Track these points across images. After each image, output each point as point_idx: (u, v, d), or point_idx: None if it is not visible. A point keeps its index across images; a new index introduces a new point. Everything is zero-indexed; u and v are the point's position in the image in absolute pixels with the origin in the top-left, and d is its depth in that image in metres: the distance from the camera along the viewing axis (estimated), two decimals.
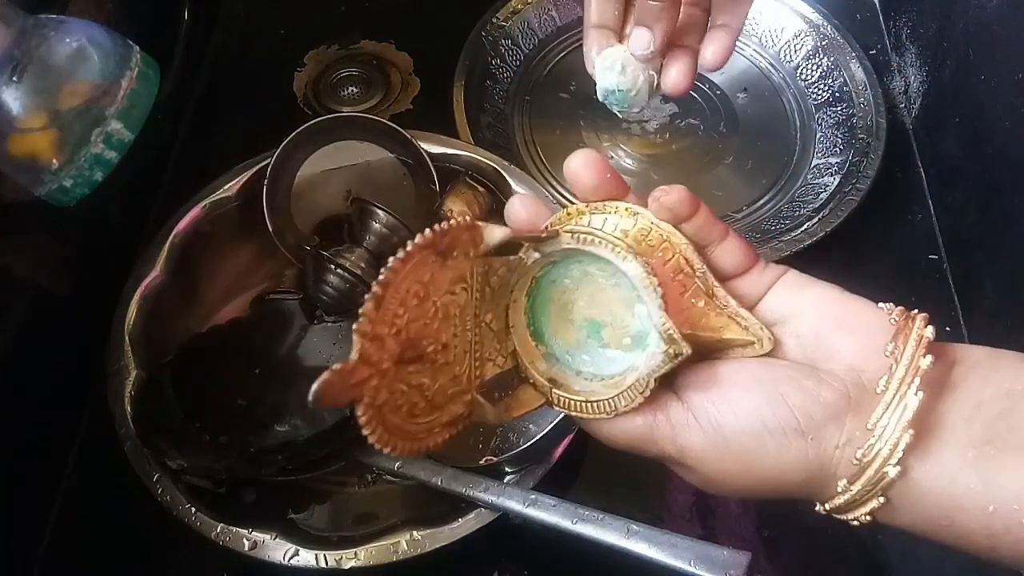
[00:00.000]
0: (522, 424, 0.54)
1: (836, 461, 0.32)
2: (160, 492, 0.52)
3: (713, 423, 0.33)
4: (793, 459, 0.32)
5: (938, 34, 0.72)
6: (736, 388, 0.33)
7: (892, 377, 0.32)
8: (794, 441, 0.32)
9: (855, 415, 0.32)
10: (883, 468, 0.31)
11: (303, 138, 0.63)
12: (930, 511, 0.32)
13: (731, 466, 0.33)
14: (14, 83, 0.50)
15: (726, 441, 0.33)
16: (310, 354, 0.62)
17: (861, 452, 0.31)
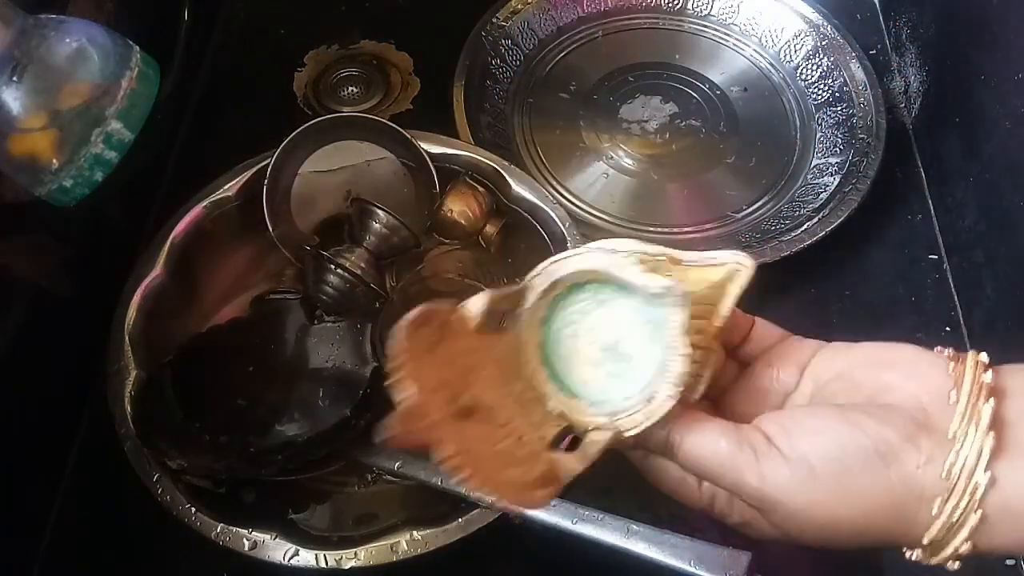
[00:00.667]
0: None
1: (921, 481, 0.31)
2: (160, 492, 0.52)
3: (796, 451, 0.32)
4: (879, 483, 0.32)
5: (938, 34, 0.72)
6: (812, 418, 0.33)
7: (960, 390, 0.32)
8: (877, 466, 0.32)
9: (928, 435, 0.32)
10: (973, 478, 0.31)
11: (303, 138, 0.63)
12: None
13: (819, 496, 0.32)
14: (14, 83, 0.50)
15: (811, 468, 0.32)
16: (310, 354, 0.62)
17: (947, 464, 0.31)
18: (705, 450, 0.33)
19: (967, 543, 0.31)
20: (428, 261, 0.64)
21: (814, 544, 0.34)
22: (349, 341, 0.62)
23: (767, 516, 0.34)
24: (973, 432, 0.31)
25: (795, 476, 0.32)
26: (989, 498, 0.31)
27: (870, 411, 0.33)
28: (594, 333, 0.36)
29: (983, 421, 0.31)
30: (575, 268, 0.35)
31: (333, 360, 0.61)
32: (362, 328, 0.62)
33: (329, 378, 0.61)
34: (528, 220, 0.63)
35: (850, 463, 0.32)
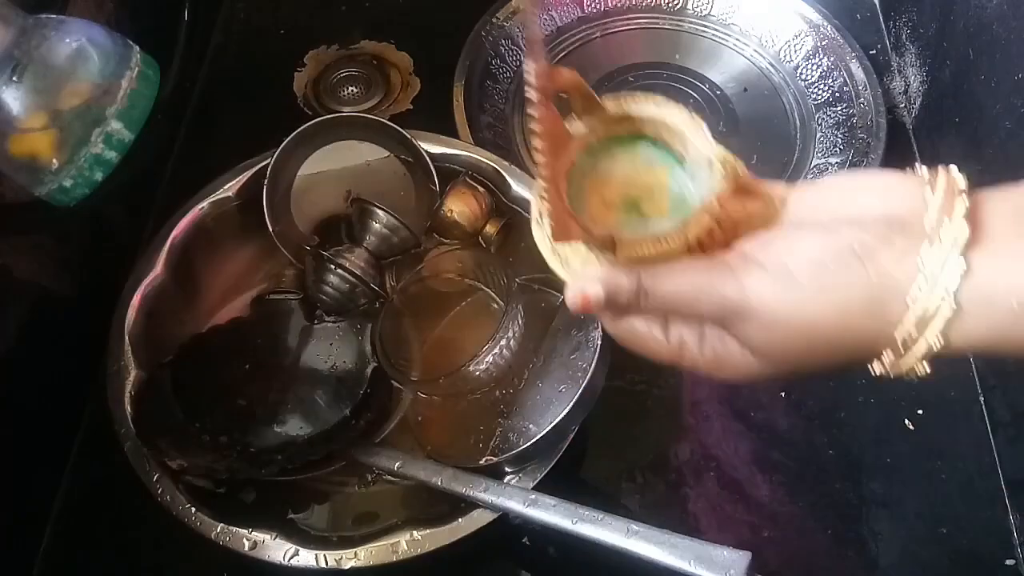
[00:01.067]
0: (522, 424, 0.54)
1: (896, 274, 0.31)
2: (160, 492, 0.52)
3: (773, 259, 0.33)
4: (854, 278, 0.32)
5: (938, 34, 0.72)
6: (787, 232, 0.34)
7: (935, 187, 0.32)
8: (852, 262, 0.32)
9: (903, 234, 0.32)
10: (946, 265, 0.30)
11: (303, 138, 0.63)
12: (1003, 314, 0.30)
13: (799, 297, 0.32)
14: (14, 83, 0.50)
15: (789, 273, 0.32)
16: (310, 354, 0.62)
17: (922, 254, 0.31)
18: (679, 280, 0.34)
19: (939, 339, 0.31)
20: (428, 261, 0.64)
21: (790, 366, 0.34)
22: (349, 341, 0.62)
23: (745, 335, 0.34)
24: (947, 222, 0.31)
25: (775, 282, 0.32)
26: (964, 287, 0.30)
27: (846, 222, 0.33)
28: (626, 184, 0.38)
29: (957, 212, 0.31)
30: (652, 114, 0.38)
31: (333, 360, 0.62)
32: (362, 328, 0.62)
33: (329, 378, 0.61)
34: (528, 220, 0.63)
35: (829, 263, 0.32)
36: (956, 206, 0.31)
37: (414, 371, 0.61)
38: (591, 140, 0.39)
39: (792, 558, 0.58)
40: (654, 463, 0.61)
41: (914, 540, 0.58)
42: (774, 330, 0.33)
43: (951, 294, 0.30)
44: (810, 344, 0.33)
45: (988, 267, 0.31)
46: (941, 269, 0.30)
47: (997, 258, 0.31)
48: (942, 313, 0.31)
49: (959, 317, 0.31)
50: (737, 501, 0.60)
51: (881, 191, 0.34)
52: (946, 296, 0.30)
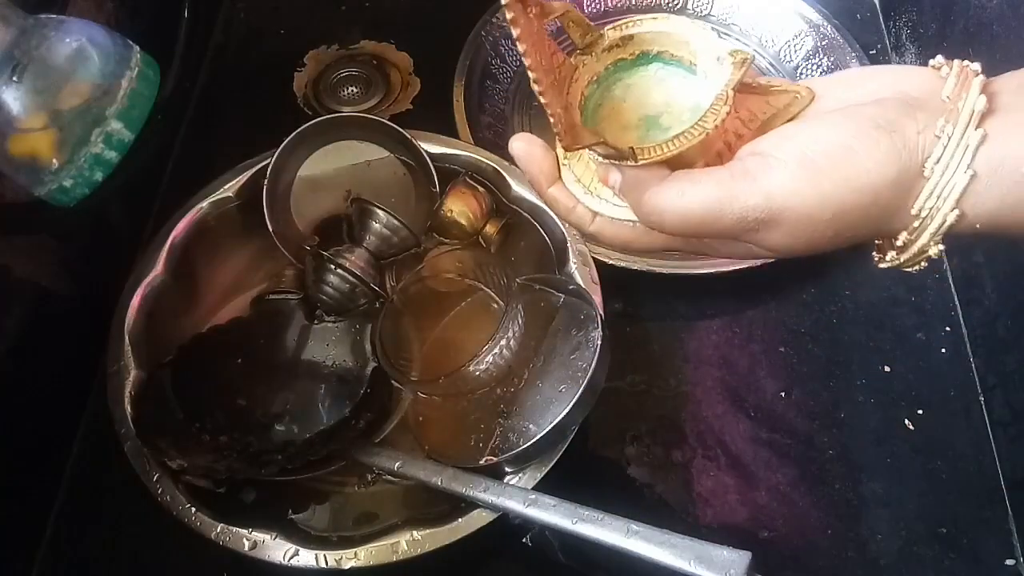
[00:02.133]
0: (522, 424, 0.54)
1: (920, 146, 0.31)
2: (160, 492, 0.52)
3: (796, 152, 0.31)
4: (883, 153, 0.31)
5: (938, 34, 0.72)
6: (809, 123, 0.33)
7: (951, 67, 0.33)
8: (880, 136, 0.31)
9: (923, 109, 0.32)
10: (964, 135, 0.30)
11: (303, 138, 0.63)
12: (1013, 183, 0.30)
13: (823, 191, 0.31)
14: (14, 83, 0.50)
15: (814, 163, 0.31)
16: (310, 354, 0.62)
17: (940, 123, 0.31)
18: (693, 198, 0.32)
19: (955, 211, 0.31)
20: (428, 261, 0.64)
21: (809, 252, 0.33)
22: (349, 341, 0.62)
23: (769, 242, 0.33)
24: (964, 96, 0.31)
25: (800, 177, 0.31)
26: (980, 156, 0.30)
27: (868, 102, 0.32)
28: (641, 104, 0.37)
29: (974, 86, 0.31)
30: (654, 29, 0.37)
31: (333, 360, 0.62)
32: (362, 328, 0.62)
33: (329, 378, 0.61)
34: (528, 220, 0.63)
35: (854, 143, 0.31)
36: (972, 82, 0.32)
37: (414, 371, 0.61)
38: (598, 71, 0.38)
39: (792, 558, 0.58)
40: (654, 463, 0.61)
41: (914, 540, 0.58)
42: (801, 230, 0.32)
43: (968, 163, 0.30)
44: (837, 232, 0.32)
45: (1001, 136, 0.31)
46: (960, 138, 0.30)
47: (1008, 128, 0.31)
48: (958, 182, 0.30)
49: (973, 187, 0.30)
50: (737, 501, 0.60)
51: (895, 77, 0.34)
52: (962, 164, 0.30)
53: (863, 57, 0.77)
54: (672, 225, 0.33)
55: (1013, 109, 0.31)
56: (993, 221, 0.31)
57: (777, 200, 0.31)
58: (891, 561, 0.57)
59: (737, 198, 0.31)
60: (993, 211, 0.31)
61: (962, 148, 0.30)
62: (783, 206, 0.31)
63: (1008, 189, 0.30)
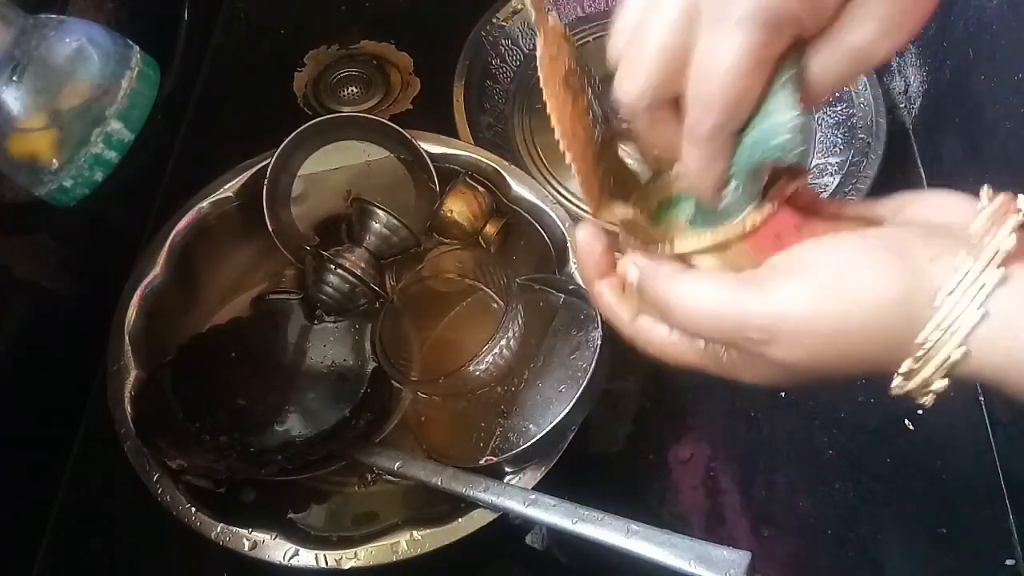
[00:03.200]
0: (522, 424, 0.54)
1: (931, 273, 0.29)
2: (160, 492, 0.52)
3: (803, 263, 0.31)
4: (889, 273, 0.30)
5: (938, 34, 0.72)
6: (821, 241, 0.32)
7: (992, 201, 0.30)
8: (888, 258, 0.30)
9: (944, 237, 0.30)
10: (984, 271, 0.28)
11: (303, 138, 0.63)
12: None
13: (825, 298, 0.30)
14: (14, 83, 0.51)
15: (817, 276, 0.30)
16: (310, 354, 0.62)
17: (963, 254, 0.29)
18: (702, 296, 0.32)
19: (961, 348, 0.29)
20: (428, 261, 0.64)
21: (820, 375, 0.32)
22: (349, 341, 0.62)
23: (772, 355, 0.31)
24: (994, 231, 0.29)
25: (802, 284, 0.30)
26: (997, 297, 0.28)
27: (886, 226, 0.31)
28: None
29: (1008, 223, 0.29)
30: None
31: (333, 360, 0.61)
32: (362, 328, 0.62)
33: (329, 378, 0.61)
34: (528, 220, 0.63)
35: (860, 260, 0.30)
36: (1008, 219, 0.29)
37: (414, 371, 0.61)
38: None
39: (792, 558, 0.58)
40: (654, 463, 0.61)
41: (914, 540, 0.58)
42: (802, 344, 0.31)
43: (981, 301, 0.28)
44: (841, 352, 0.31)
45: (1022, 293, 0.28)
46: (979, 275, 0.28)
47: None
48: (968, 318, 0.28)
49: (984, 328, 0.29)
50: (737, 501, 0.60)
51: (932, 203, 0.33)
52: (975, 301, 0.28)
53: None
54: (677, 319, 0.33)
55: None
56: (1000, 375, 0.29)
57: (777, 310, 0.31)
58: (891, 561, 0.57)
59: (740, 302, 0.31)
60: (1000, 364, 0.29)
61: (977, 285, 0.28)
62: (783, 315, 0.31)
63: (1019, 344, 0.28)
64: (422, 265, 0.63)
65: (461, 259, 0.63)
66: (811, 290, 0.30)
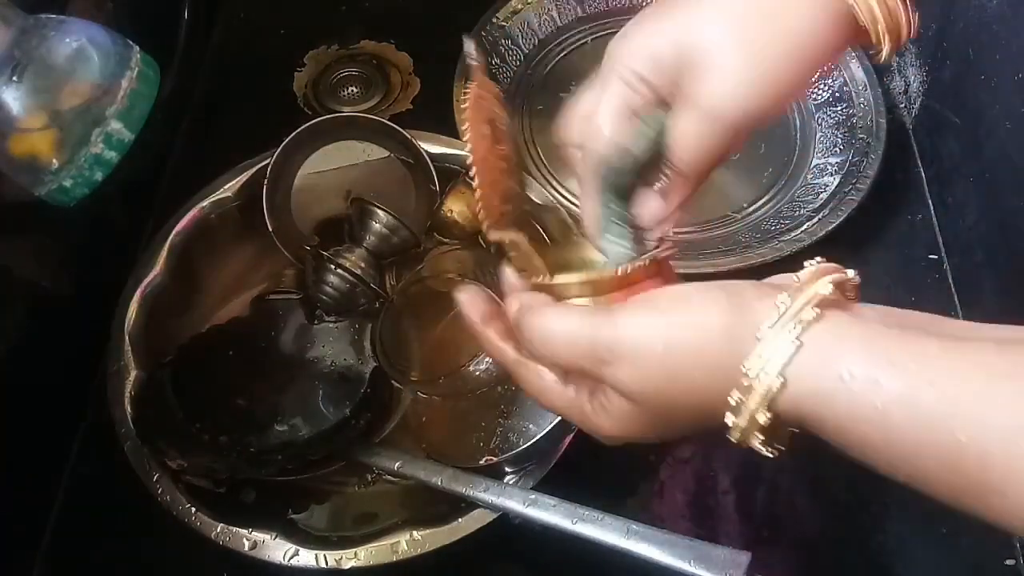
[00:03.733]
0: (522, 424, 0.54)
1: (756, 309, 0.32)
2: (160, 492, 0.52)
3: (648, 298, 0.35)
4: (716, 302, 0.33)
5: (938, 34, 0.72)
6: (671, 286, 0.37)
7: (815, 264, 0.34)
8: (717, 292, 0.34)
9: (772, 287, 0.33)
10: (802, 310, 0.31)
11: (303, 138, 0.63)
12: (832, 381, 0.30)
13: (658, 321, 0.34)
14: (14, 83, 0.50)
15: (656, 305, 0.34)
16: (310, 354, 0.62)
17: (784, 296, 0.32)
18: (563, 321, 0.36)
19: (779, 378, 0.31)
20: (428, 261, 0.64)
21: (663, 412, 0.35)
22: (349, 341, 0.62)
23: (617, 379, 0.35)
24: (816, 280, 0.32)
25: (641, 311, 0.34)
26: (810, 331, 0.31)
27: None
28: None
29: (828, 277, 0.33)
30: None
31: (333, 360, 0.62)
32: (362, 328, 0.62)
33: (329, 378, 0.61)
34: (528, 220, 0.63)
35: (692, 292, 0.34)
36: (830, 274, 0.33)
37: (414, 371, 0.61)
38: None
39: (792, 558, 0.58)
40: (654, 463, 0.61)
41: (914, 540, 0.58)
42: (638, 366, 0.34)
43: (797, 334, 0.31)
44: (671, 376, 0.34)
45: (835, 331, 0.31)
46: (797, 312, 0.31)
47: (859, 320, 0.31)
48: (785, 349, 0.31)
49: (800, 359, 0.31)
50: (737, 501, 0.60)
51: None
52: (792, 334, 0.31)
53: (863, 57, 0.77)
54: (538, 344, 0.37)
55: (865, 319, 0.32)
56: (813, 409, 0.31)
57: (620, 332, 0.34)
58: (891, 561, 0.57)
59: (591, 327, 0.35)
60: (810, 392, 0.31)
61: (795, 319, 0.31)
62: (624, 336, 0.34)
63: (827, 372, 0.30)
64: (422, 265, 0.63)
65: (461, 259, 0.63)
66: (648, 315, 0.34)
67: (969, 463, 0.27)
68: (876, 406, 0.29)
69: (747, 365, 0.31)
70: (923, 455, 0.29)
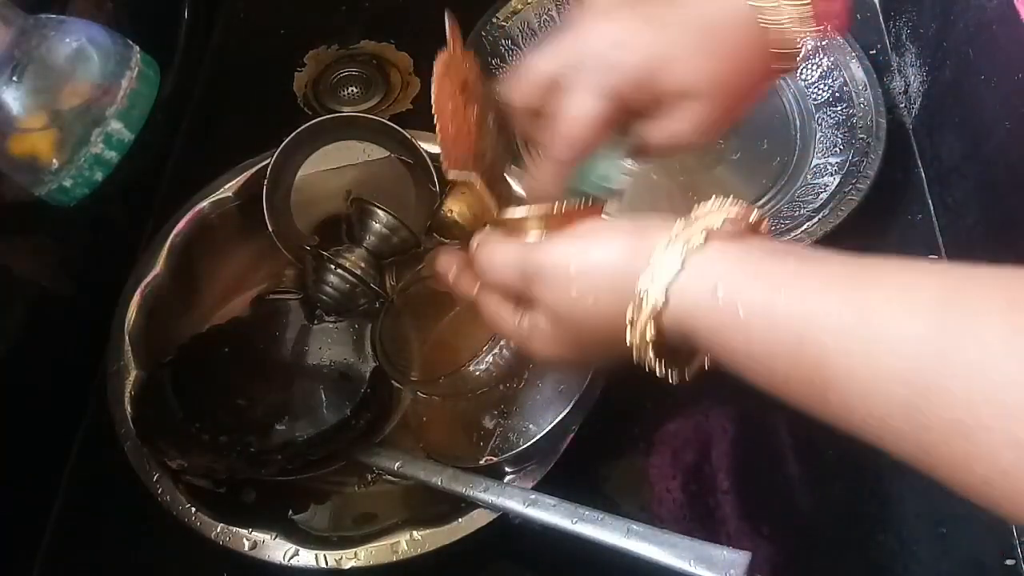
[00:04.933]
0: (522, 424, 0.54)
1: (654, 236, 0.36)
2: (160, 492, 0.52)
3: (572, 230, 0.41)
4: (619, 230, 0.38)
5: (938, 34, 0.72)
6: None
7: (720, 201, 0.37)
8: (624, 223, 0.39)
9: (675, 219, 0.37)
10: (690, 237, 0.34)
11: (303, 138, 0.63)
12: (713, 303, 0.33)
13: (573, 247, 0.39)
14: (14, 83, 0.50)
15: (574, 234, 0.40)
16: (310, 354, 0.62)
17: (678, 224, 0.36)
18: (503, 248, 0.43)
19: (663, 295, 0.34)
20: (428, 261, 0.64)
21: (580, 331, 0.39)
22: (349, 341, 0.62)
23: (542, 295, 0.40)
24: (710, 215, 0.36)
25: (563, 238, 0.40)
26: (694, 256, 0.34)
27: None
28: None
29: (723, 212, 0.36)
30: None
31: (333, 360, 0.62)
32: (362, 328, 0.62)
33: (329, 378, 0.61)
34: None
35: (603, 224, 0.40)
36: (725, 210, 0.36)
37: (414, 371, 0.61)
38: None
39: (792, 558, 0.58)
40: (654, 463, 0.61)
41: (914, 540, 0.58)
42: (552, 285, 0.39)
43: (682, 256, 0.34)
44: (581, 292, 0.38)
45: (722, 254, 0.34)
46: (684, 235, 0.35)
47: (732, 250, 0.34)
48: (670, 267, 0.34)
49: (681, 279, 0.34)
50: (737, 501, 0.60)
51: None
52: (677, 256, 0.34)
53: (863, 57, 0.77)
54: (483, 266, 0.44)
55: (748, 246, 0.35)
56: (689, 326, 0.34)
57: (545, 254, 0.40)
58: (891, 561, 0.57)
59: (525, 251, 0.41)
60: (689, 313, 0.34)
61: (682, 241, 0.34)
62: (547, 257, 0.40)
63: (699, 298, 0.34)
64: (422, 265, 0.63)
65: None
66: (565, 241, 0.40)
67: (808, 361, 0.30)
68: (739, 316, 0.32)
69: (639, 285, 0.35)
70: (776, 357, 0.31)
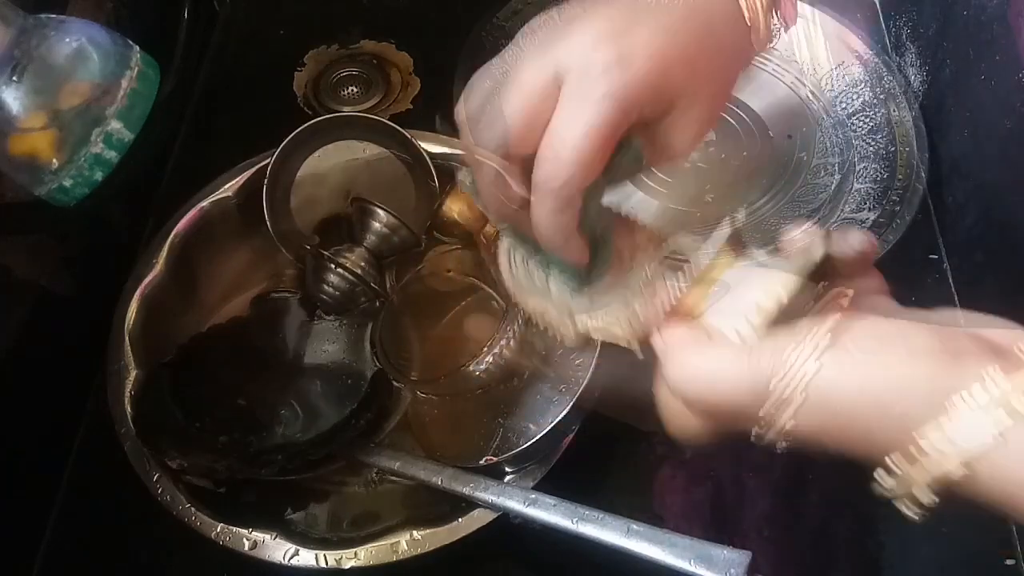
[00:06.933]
0: (522, 424, 0.54)
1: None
2: (160, 492, 0.52)
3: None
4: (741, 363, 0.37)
5: (938, 34, 0.72)
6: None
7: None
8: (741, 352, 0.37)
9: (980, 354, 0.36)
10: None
11: (303, 138, 0.63)
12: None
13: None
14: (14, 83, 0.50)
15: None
16: (310, 354, 0.62)
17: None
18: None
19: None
20: (428, 261, 0.64)
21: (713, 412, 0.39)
22: (349, 341, 0.62)
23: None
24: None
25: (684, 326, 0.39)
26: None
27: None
28: None
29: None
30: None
31: (333, 360, 0.62)
32: (362, 328, 0.62)
33: (329, 378, 0.61)
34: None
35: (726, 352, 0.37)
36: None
37: (414, 371, 0.61)
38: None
39: (792, 558, 0.58)
40: (654, 463, 0.61)
41: (914, 540, 0.58)
42: (686, 367, 0.38)
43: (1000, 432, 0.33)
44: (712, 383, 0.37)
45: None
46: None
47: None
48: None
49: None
50: (737, 501, 0.60)
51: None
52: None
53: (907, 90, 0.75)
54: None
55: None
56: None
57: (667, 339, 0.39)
58: (891, 561, 0.57)
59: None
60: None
61: (1003, 405, 0.33)
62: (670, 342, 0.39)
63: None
64: (422, 265, 0.63)
65: (461, 259, 0.63)
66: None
67: None
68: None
69: (924, 434, 0.34)
70: None
